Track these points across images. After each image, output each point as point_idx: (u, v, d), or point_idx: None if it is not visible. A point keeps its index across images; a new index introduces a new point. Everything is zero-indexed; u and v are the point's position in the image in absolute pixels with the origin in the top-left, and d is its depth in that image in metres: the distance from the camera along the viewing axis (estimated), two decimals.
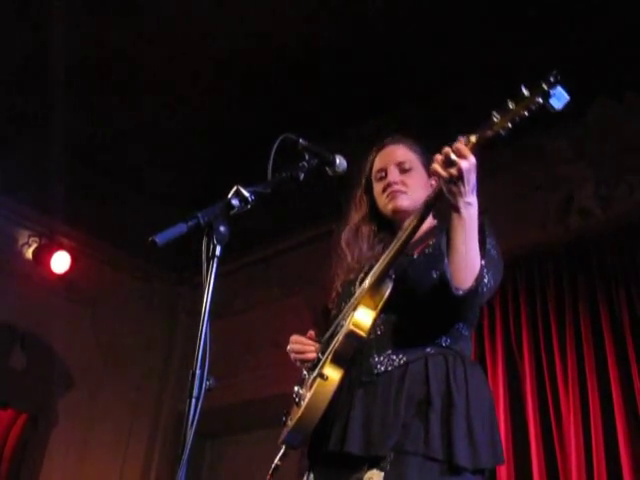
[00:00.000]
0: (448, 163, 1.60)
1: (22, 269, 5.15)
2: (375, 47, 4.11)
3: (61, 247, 5.24)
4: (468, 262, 1.67)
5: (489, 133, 1.58)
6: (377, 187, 2.08)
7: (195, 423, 1.42)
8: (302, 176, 1.82)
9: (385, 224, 2.09)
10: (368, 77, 4.30)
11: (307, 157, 1.86)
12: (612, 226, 3.66)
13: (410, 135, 2.16)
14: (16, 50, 4.30)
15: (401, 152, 2.07)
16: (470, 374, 1.76)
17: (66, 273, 5.24)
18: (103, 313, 5.53)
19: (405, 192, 2.00)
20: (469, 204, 1.64)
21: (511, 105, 1.55)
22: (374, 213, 2.10)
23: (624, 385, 3.25)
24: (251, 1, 3.95)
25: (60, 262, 5.21)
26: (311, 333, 2.03)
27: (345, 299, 1.95)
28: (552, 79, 1.52)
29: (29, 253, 5.23)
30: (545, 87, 1.52)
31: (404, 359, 1.75)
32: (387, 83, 4.29)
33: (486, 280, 1.70)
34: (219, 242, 1.53)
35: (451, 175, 1.60)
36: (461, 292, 1.66)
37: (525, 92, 1.54)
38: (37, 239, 5.26)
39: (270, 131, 1.86)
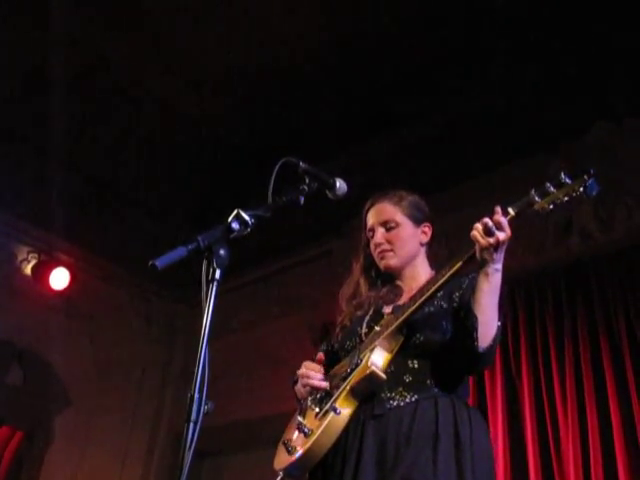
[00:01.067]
0: (487, 232, 1.75)
1: (21, 285, 5.14)
2: (378, 65, 4.14)
3: (60, 263, 5.24)
4: (489, 323, 1.82)
5: (528, 211, 1.75)
6: (371, 244, 2.21)
7: (193, 447, 1.42)
8: (302, 200, 1.85)
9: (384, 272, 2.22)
10: (369, 97, 4.32)
11: (307, 180, 1.89)
12: (611, 248, 3.67)
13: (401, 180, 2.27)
14: (15, 67, 4.32)
15: (386, 210, 2.17)
16: (474, 420, 1.89)
17: (65, 290, 5.23)
18: (101, 330, 5.51)
19: (391, 250, 2.13)
20: (497, 270, 1.80)
21: (552, 188, 1.73)
22: (373, 264, 2.22)
23: (623, 409, 3.24)
24: (251, 20, 3.98)
25: (59, 278, 5.20)
26: (321, 355, 2.10)
27: (351, 337, 2.07)
28: (592, 172, 1.72)
29: (28, 269, 5.22)
30: (586, 178, 1.71)
31: (415, 397, 1.86)
32: (386, 103, 4.32)
33: (497, 340, 1.85)
34: (219, 266, 1.54)
35: (489, 244, 1.75)
36: (481, 349, 1.80)
37: (567, 180, 1.72)
38: (36, 255, 5.25)
39: (270, 148, 1.87)
